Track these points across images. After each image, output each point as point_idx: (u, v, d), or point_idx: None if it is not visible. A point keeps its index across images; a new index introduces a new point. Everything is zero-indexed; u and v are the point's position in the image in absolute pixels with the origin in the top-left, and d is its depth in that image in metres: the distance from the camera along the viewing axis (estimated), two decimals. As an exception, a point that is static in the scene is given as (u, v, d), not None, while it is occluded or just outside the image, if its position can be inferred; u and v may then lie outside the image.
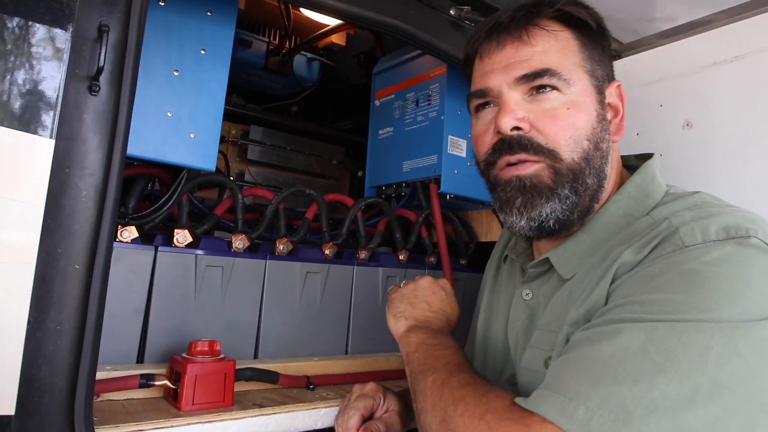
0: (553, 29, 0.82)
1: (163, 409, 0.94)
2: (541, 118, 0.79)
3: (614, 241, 0.79)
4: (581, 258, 0.82)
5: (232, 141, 1.78)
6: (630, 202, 0.82)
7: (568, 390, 0.63)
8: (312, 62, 1.95)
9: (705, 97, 1.22)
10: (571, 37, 0.83)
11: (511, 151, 0.80)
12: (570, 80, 0.80)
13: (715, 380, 0.59)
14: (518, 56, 0.81)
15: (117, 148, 0.79)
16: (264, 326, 1.24)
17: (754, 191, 1.12)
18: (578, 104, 0.80)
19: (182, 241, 1.15)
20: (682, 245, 0.68)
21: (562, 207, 0.79)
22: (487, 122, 0.85)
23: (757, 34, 1.14)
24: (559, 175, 0.79)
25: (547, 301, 0.85)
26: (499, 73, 0.82)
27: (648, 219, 0.77)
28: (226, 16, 1.18)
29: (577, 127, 0.80)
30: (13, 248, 0.71)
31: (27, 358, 0.72)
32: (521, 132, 0.80)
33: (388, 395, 1.04)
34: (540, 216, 0.79)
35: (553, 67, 0.79)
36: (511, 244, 1.02)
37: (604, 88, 0.85)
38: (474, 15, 1.27)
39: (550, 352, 0.78)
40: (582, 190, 0.80)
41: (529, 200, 0.80)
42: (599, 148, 0.82)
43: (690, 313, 0.62)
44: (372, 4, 1.10)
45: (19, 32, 0.73)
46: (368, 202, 1.50)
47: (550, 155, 0.79)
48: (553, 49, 0.81)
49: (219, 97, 1.16)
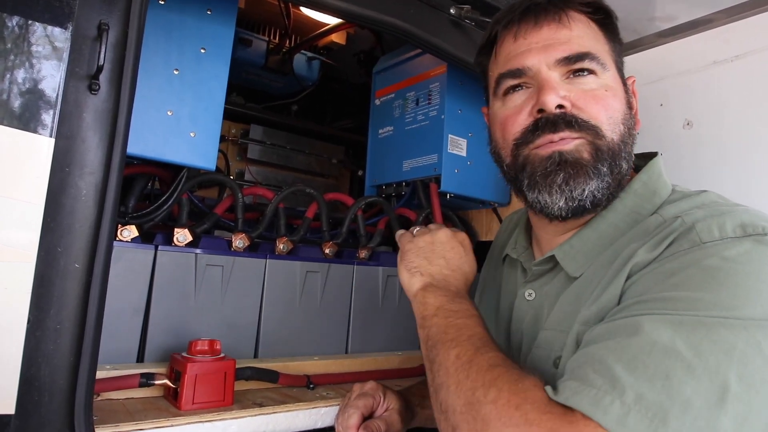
0: (586, 16, 0.84)
1: (163, 409, 0.94)
2: (582, 97, 0.79)
3: (623, 240, 0.78)
4: (587, 255, 0.81)
5: (232, 140, 1.78)
6: (637, 199, 0.81)
7: (599, 382, 0.60)
8: (312, 61, 1.95)
9: (705, 97, 1.22)
10: (598, 28, 0.84)
11: (555, 128, 0.78)
12: (605, 65, 0.81)
13: (741, 378, 0.58)
14: (557, 38, 0.81)
15: (117, 147, 0.79)
16: (264, 325, 1.24)
17: (754, 190, 1.12)
18: (613, 89, 0.81)
19: (182, 240, 1.15)
20: (700, 241, 0.67)
21: (600, 185, 0.78)
22: (519, 103, 0.84)
23: (757, 33, 1.14)
24: (599, 152, 0.78)
25: (552, 300, 0.84)
26: (538, 53, 0.81)
27: (657, 217, 0.76)
28: (226, 14, 1.17)
29: (615, 108, 0.80)
30: (13, 247, 0.71)
31: (27, 357, 0.72)
32: (564, 110, 0.79)
33: (388, 394, 1.03)
34: (582, 194, 0.78)
35: (592, 50, 0.80)
36: (511, 243, 1.00)
37: (625, 81, 0.87)
38: (474, 14, 1.27)
39: (560, 352, 0.76)
40: (616, 171, 0.80)
41: (572, 176, 0.77)
42: (631, 134, 0.83)
43: (713, 310, 0.61)
44: (372, 2, 1.09)
45: (19, 31, 0.73)
46: (368, 201, 1.50)
47: (593, 131, 0.78)
48: (588, 34, 0.82)
49: (219, 96, 1.16)
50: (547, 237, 0.90)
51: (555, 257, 0.84)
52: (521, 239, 0.98)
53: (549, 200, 0.79)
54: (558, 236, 0.87)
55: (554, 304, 0.83)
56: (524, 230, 0.98)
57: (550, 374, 0.76)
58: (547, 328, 0.82)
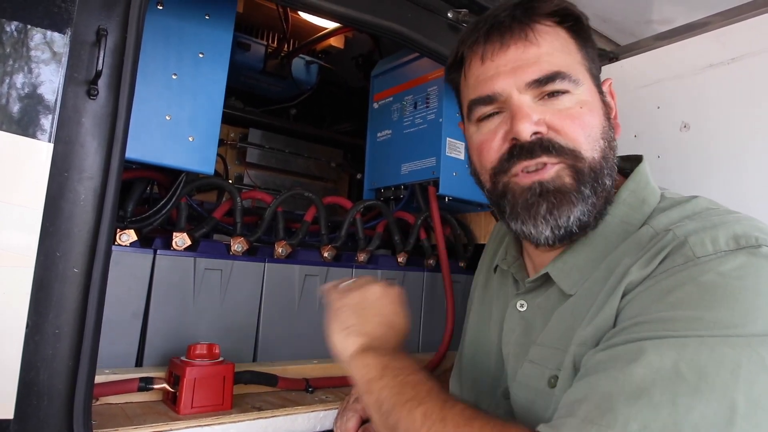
0: (553, 27, 0.79)
1: (162, 413, 0.94)
2: (558, 118, 0.76)
3: (616, 254, 0.76)
4: (581, 271, 0.78)
5: (231, 144, 1.78)
6: (626, 209, 0.79)
7: (602, 418, 0.58)
8: (310, 65, 1.95)
9: (702, 99, 1.22)
10: (569, 36, 0.80)
11: (531, 155, 0.75)
12: (578, 80, 0.77)
13: (748, 398, 0.57)
14: (525, 58, 0.77)
15: (115, 152, 0.79)
16: (263, 329, 1.24)
17: (750, 193, 1.12)
18: (588, 103, 0.78)
19: (181, 245, 1.15)
20: (694, 256, 0.65)
21: (586, 209, 0.75)
22: (493, 128, 0.80)
23: (753, 36, 1.15)
24: (580, 175, 0.75)
25: (546, 314, 0.81)
26: (506, 77, 0.77)
27: (648, 229, 0.74)
28: (224, 19, 1.18)
29: (592, 125, 0.77)
30: (12, 252, 0.71)
31: (26, 361, 0.72)
32: (540, 135, 0.75)
33: None
34: (568, 221, 0.75)
35: (562, 68, 0.76)
36: (501, 254, 0.98)
37: (600, 87, 0.83)
38: (471, 18, 1.27)
39: (555, 371, 0.74)
40: (600, 190, 0.76)
41: (555, 206, 0.75)
42: (611, 146, 0.79)
43: (714, 328, 0.59)
44: (369, 7, 1.10)
45: (18, 36, 0.73)
46: (367, 204, 1.51)
47: (572, 155, 0.75)
48: (557, 48, 0.78)
49: (217, 100, 1.16)
50: (537, 252, 0.87)
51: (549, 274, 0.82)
52: (511, 250, 0.95)
53: (534, 231, 0.76)
54: (548, 252, 0.85)
55: (548, 318, 0.80)
56: (514, 241, 0.95)
57: (542, 392, 0.75)
58: (541, 344, 0.79)
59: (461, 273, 1.61)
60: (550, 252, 0.84)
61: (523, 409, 0.78)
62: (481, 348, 0.94)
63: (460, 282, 1.59)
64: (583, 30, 0.82)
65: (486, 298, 1.00)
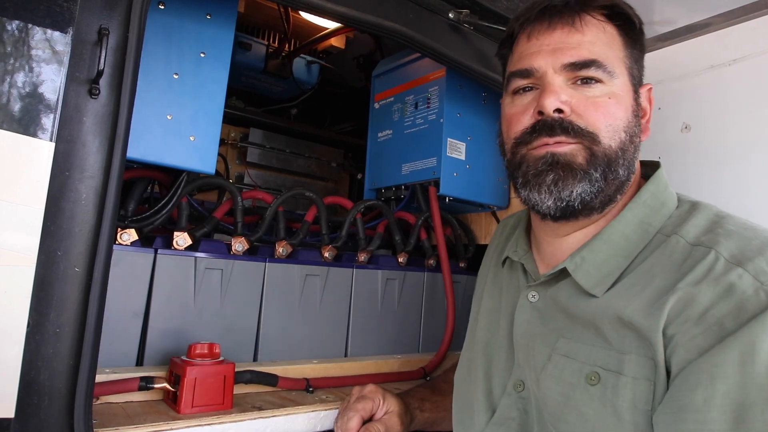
0: (602, 21, 0.83)
1: (162, 412, 0.94)
2: (583, 103, 0.80)
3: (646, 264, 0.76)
4: (600, 267, 0.79)
5: (232, 144, 1.78)
6: (646, 210, 0.81)
7: None
8: (311, 65, 1.95)
9: (703, 101, 1.23)
10: (616, 33, 0.83)
11: (551, 132, 0.80)
12: (613, 73, 0.81)
13: None
14: (568, 42, 0.81)
15: (117, 151, 0.79)
16: (263, 329, 1.24)
17: (752, 195, 1.12)
18: (618, 96, 0.81)
19: (182, 244, 1.15)
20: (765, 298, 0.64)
21: (590, 189, 0.79)
22: (525, 103, 0.85)
23: (754, 37, 1.15)
24: (594, 157, 0.79)
25: (561, 307, 0.82)
26: (547, 55, 0.82)
27: (679, 241, 0.75)
28: (225, 19, 1.18)
29: (617, 117, 0.80)
30: (13, 251, 0.71)
31: (27, 360, 0.72)
32: (563, 115, 0.80)
33: (388, 397, 1.03)
34: (570, 196, 0.79)
35: (600, 58, 0.80)
36: (511, 246, 0.99)
37: (639, 88, 0.86)
38: (472, 18, 1.27)
39: (594, 368, 0.74)
40: (611, 178, 0.80)
41: (561, 177, 0.79)
42: (633, 141, 0.82)
43: None
44: (371, 7, 1.10)
45: (20, 35, 0.73)
46: (367, 204, 1.51)
47: (590, 137, 0.79)
48: (601, 40, 0.81)
49: (219, 100, 1.16)
50: (547, 239, 0.89)
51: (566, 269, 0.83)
52: (522, 242, 0.97)
53: (538, 198, 0.81)
54: (557, 238, 0.87)
55: (566, 311, 0.81)
56: (524, 232, 0.98)
57: (580, 387, 0.75)
58: (570, 338, 0.79)
59: (462, 273, 1.61)
60: (558, 239, 0.86)
61: (558, 404, 0.77)
62: (495, 341, 0.95)
63: (461, 282, 1.59)
64: (633, 31, 0.85)
65: (495, 292, 1.00)
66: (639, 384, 0.69)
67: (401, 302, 1.48)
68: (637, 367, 0.70)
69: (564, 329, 0.81)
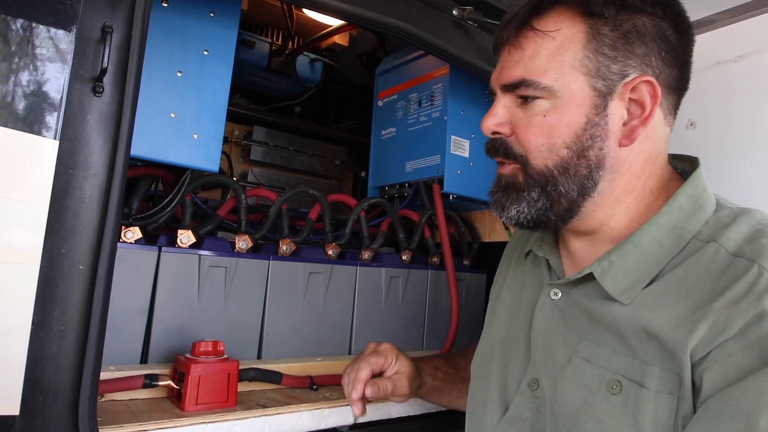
0: (555, 25, 0.75)
1: (166, 410, 0.95)
2: (520, 124, 0.79)
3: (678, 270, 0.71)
4: (629, 273, 0.75)
5: (235, 142, 1.78)
6: (681, 214, 0.75)
7: None
8: (315, 63, 1.95)
9: (708, 97, 1.22)
10: (580, 30, 0.74)
11: (495, 153, 0.83)
12: (551, 87, 0.74)
13: None
14: (510, 60, 0.79)
15: (121, 149, 0.79)
16: (267, 326, 1.24)
17: (757, 190, 1.11)
18: (560, 111, 0.75)
19: (186, 242, 1.16)
20: None
21: (530, 209, 0.79)
22: None
23: (760, 33, 1.14)
24: (529, 178, 0.79)
25: (584, 309, 0.78)
26: (496, 74, 0.82)
27: (719, 250, 0.70)
28: (229, 17, 1.18)
29: (552, 135, 0.76)
30: (18, 249, 0.72)
31: (31, 358, 0.72)
32: (500, 136, 0.81)
33: (401, 357, 1.03)
34: (518, 216, 0.80)
35: (529, 75, 0.76)
36: (536, 240, 0.94)
37: (616, 87, 0.74)
38: (476, 15, 1.27)
39: (617, 376, 0.71)
40: (556, 195, 0.77)
41: (500, 199, 0.82)
42: (584, 156, 0.75)
43: None
44: (374, 4, 1.10)
45: (23, 33, 0.73)
46: (371, 202, 1.50)
47: (522, 160, 0.79)
48: (543, 52, 0.75)
49: (222, 97, 1.16)
50: (574, 240, 0.86)
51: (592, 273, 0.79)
52: (547, 237, 0.92)
53: (498, 216, 0.84)
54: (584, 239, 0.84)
55: (589, 314, 0.78)
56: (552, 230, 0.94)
57: (600, 394, 0.72)
58: (593, 341, 0.76)
59: (465, 271, 1.61)
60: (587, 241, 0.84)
61: (575, 408, 0.74)
62: (513, 337, 0.92)
63: (464, 280, 1.59)
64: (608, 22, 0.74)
65: (515, 285, 0.97)
66: (662, 398, 0.67)
67: (405, 300, 1.48)
68: (660, 381, 0.67)
69: (586, 331, 0.78)
